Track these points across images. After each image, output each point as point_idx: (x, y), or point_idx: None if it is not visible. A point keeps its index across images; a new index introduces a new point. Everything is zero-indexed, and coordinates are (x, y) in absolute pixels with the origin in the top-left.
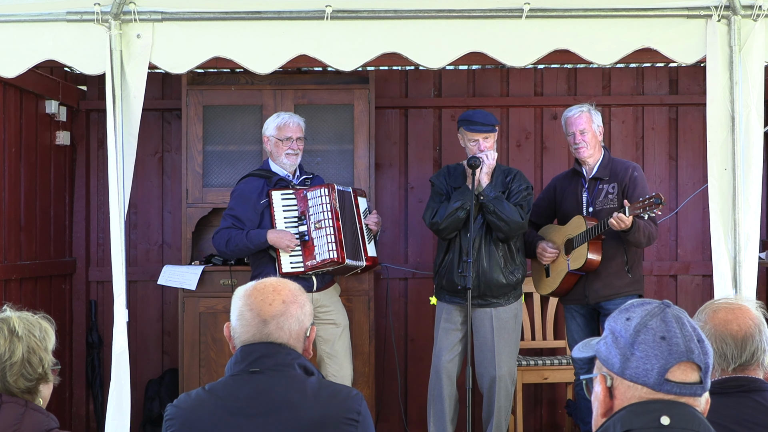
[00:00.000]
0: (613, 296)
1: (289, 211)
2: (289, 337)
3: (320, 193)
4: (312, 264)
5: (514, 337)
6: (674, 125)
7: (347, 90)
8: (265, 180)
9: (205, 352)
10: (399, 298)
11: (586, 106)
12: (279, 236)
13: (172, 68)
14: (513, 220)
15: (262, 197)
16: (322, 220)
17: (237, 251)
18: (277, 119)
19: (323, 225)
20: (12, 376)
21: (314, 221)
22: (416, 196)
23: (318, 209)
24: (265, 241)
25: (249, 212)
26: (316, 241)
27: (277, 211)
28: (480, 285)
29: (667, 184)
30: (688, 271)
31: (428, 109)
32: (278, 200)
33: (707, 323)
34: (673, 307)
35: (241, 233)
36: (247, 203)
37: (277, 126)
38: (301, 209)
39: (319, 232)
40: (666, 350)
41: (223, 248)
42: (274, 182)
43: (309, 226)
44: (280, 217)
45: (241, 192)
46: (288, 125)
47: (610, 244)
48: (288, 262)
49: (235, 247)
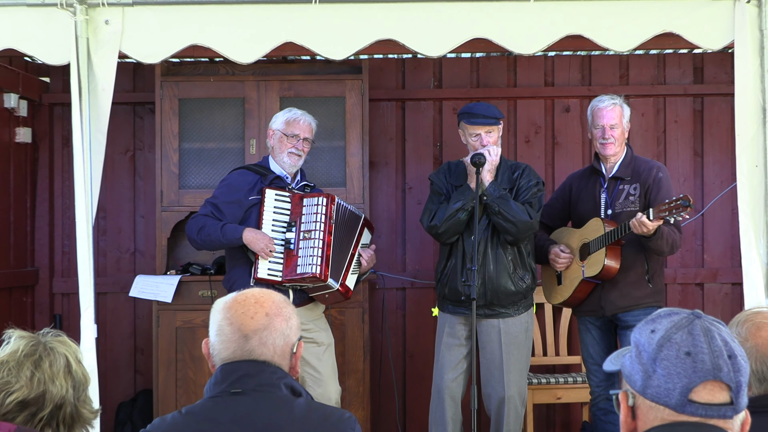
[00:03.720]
0: (632, 307)
1: (280, 214)
2: (273, 354)
3: (317, 202)
4: (291, 276)
5: (525, 352)
6: (699, 118)
7: (338, 81)
8: (261, 177)
9: (183, 371)
10: (396, 310)
11: (618, 99)
12: (257, 237)
13: (145, 57)
14: (521, 220)
15: (253, 193)
16: (313, 230)
17: (207, 242)
18: (288, 113)
19: (313, 236)
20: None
21: (304, 230)
22: (415, 198)
23: (311, 218)
24: (239, 238)
25: (233, 206)
26: (301, 252)
27: (267, 211)
28: (486, 293)
29: (692, 182)
30: (716, 278)
31: (428, 101)
32: (271, 199)
33: (748, 340)
34: (705, 318)
35: (217, 224)
36: (233, 195)
37: (286, 120)
38: (293, 215)
39: (306, 242)
40: (690, 367)
41: (194, 236)
42: (270, 180)
43: (297, 234)
44: (269, 218)
45: (230, 182)
46: (298, 122)
47: (630, 251)
48: (265, 268)
49: (207, 237)
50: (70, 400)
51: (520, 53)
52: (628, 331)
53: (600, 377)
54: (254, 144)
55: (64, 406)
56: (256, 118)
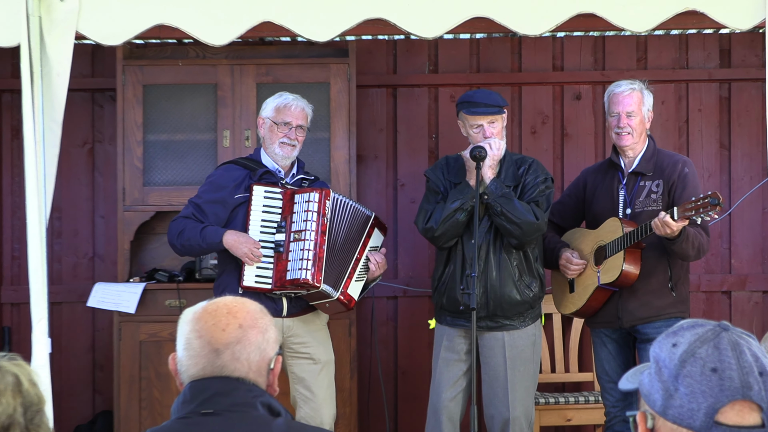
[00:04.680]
0: (653, 318)
1: (270, 214)
2: (248, 370)
3: (309, 198)
4: (282, 283)
5: (532, 369)
6: (726, 106)
7: (322, 65)
8: (250, 172)
9: (147, 390)
10: (387, 322)
11: (638, 84)
12: (238, 241)
13: (105, 39)
14: (526, 221)
15: (239, 191)
16: (304, 230)
17: (188, 248)
18: (279, 99)
19: (303, 236)
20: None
21: (295, 230)
22: (408, 195)
23: (302, 216)
24: (219, 242)
25: (217, 205)
26: (291, 255)
27: (255, 210)
28: (489, 303)
29: (718, 178)
30: (745, 286)
31: (422, 87)
32: (260, 197)
33: None
34: (733, 330)
35: (197, 227)
36: (217, 193)
37: (276, 106)
38: (284, 213)
39: (297, 244)
40: (717, 385)
41: (174, 240)
42: (259, 175)
43: (288, 236)
44: (257, 218)
45: (215, 179)
46: (289, 107)
47: (651, 255)
48: (252, 275)
49: (186, 241)
50: (19, 421)
51: (525, 34)
52: (648, 345)
53: (616, 396)
54: (228, 136)
55: (12, 427)
56: (229, 106)
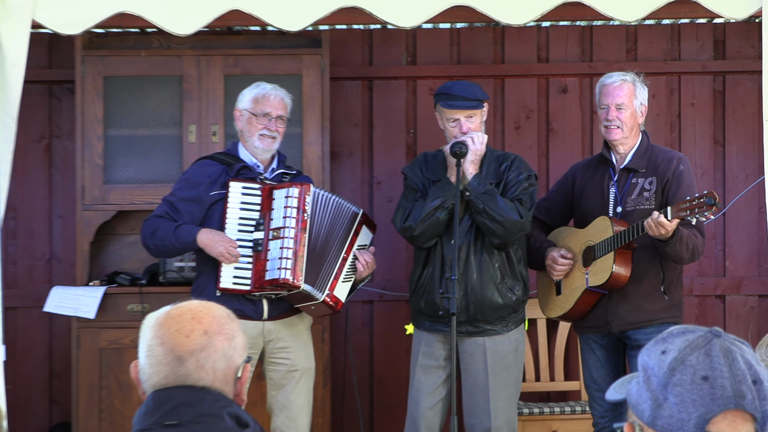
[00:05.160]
0: (644, 324)
1: (249, 211)
2: (213, 379)
3: (288, 193)
4: (261, 283)
5: (515, 376)
6: (720, 99)
7: (294, 56)
8: (226, 167)
9: (107, 400)
10: (362, 327)
11: (630, 76)
12: (213, 239)
13: (63, 28)
14: (509, 219)
15: (215, 187)
16: (283, 228)
17: (161, 248)
18: (256, 89)
19: (282, 234)
20: None
21: (273, 227)
22: (384, 194)
23: (281, 213)
24: (193, 241)
25: (191, 204)
26: (270, 254)
27: (233, 208)
28: (469, 307)
29: (712, 176)
30: (740, 290)
31: (399, 80)
32: (237, 194)
33: None
34: (725, 336)
35: (170, 225)
36: (191, 191)
37: (254, 97)
38: (263, 210)
39: (276, 242)
40: (708, 394)
41: (147, 240)
42: (237, 170)
43: (266, 234)
44: (234, 216)
45: (189, 176)
46: (268, 98)
47: (643, 256)
48: (230, 276)
49: (160, 242)
50: None
51: (508, 24)
52: (639, 351)
53: (605, 407)
54: (194, 131)
55: None
56: (195, 99)
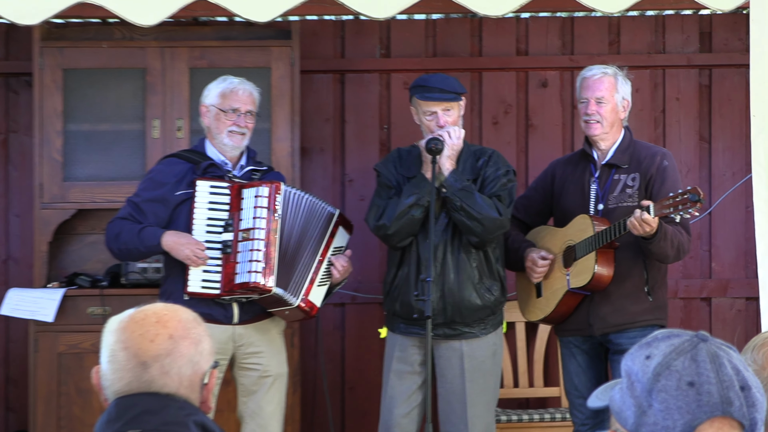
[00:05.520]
0: (627, 326)
1: (217, 211)
2: (179, 386)
3: (258, 192)
4: (230, 287)
5: (492, 382)
6: (706, 94)
7: (262, 48)
8: (193, 165)
9: (67, 408)
10: (333, 331)
11: (612, 69)
12: (179, 242)
13: (20, 18)
14: (488, 217)
15: (181, 186)
16: (253, 229)
17: (126, 252)
18: (223, 84)
19: (252, 235)
20: None
21: (243, 228)
22: (356, 192)
23: (250, 213)
24: (158, 245)
25: (157, 204)
26: (240, 257)
27: (200, 208)
28: (446, 308)
29: (697, 174)
30: (726, 292)
31: (372, 73)
32: (204, 193)
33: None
34: (712, 341)
35: (134, 228)
36: (156, 191)
37: (221, 92)
38: (232, 210)
39: (246, 244)
40: (694, 401)
41: (111, 244)
42: (204, 168)
43: (236, 235)
44: (202, 217)
45: (154, 175)
46: (236, 92)
47: (626, 256)
48: (198, 279)
49: (124, 245)
50: None
51: (486, 15)
52: (622, 356)
53: (586, 414)
54: (158, 126)
55: None
56: (160, 93)
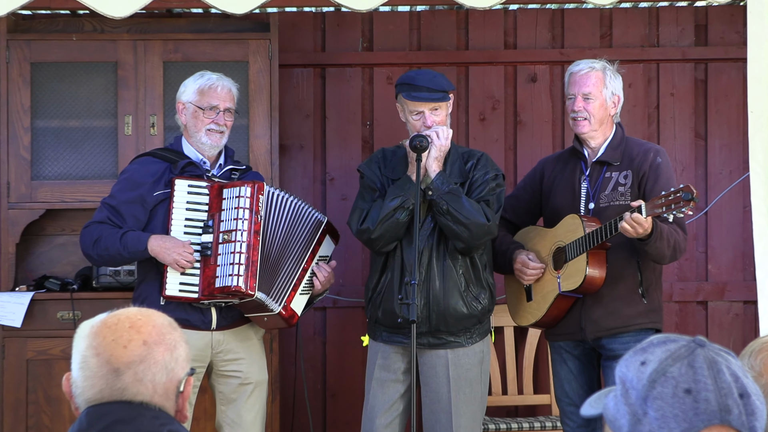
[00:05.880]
0: (620, 330)
1: (196, 211)
2: (153, 393)
3: (239, 192)
4: (210, 291)
5: (479, 390)
6: (702, 89)
7: (239, 41)
8: (169, 164)
9: (35, 416)
10: (314, 337)
11: (601, 63)
12: (165, 246)
13: None
14: (475, 222)
15: (159, 186)
16: (234, 230)
17: (107, 258)
18: (200, 80)
19: (234, 237)
20: None
21: (224, 230)
22: (338, 191)
23: (232, 214)
24: (144, 250)
25: (135, 206)
26: (221, 259)
27: (178, 208)
28: (431, 317)
29: (693, 172)
30: (723, 295)
31: (355, 68)
32: (183, 193)
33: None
34: (709, 346)
35: (115, 233)
36: (133, 191)
37: (199, 89)
38: (211, 211)
39: (227, 246)
40: (691, 409)
41: (90, 250)
42: (181, 167)
43: (216, 237)
44: (180, 217)
45: (130, 175)
46: (215, 89)
47: (619, 257)
48: (176, 282)
49: (105, 251)
50: None
51: (473, 6)
52: (615, 362)
53: (577, 422)
54: (130, 122)
55: None
56: (132, 88)
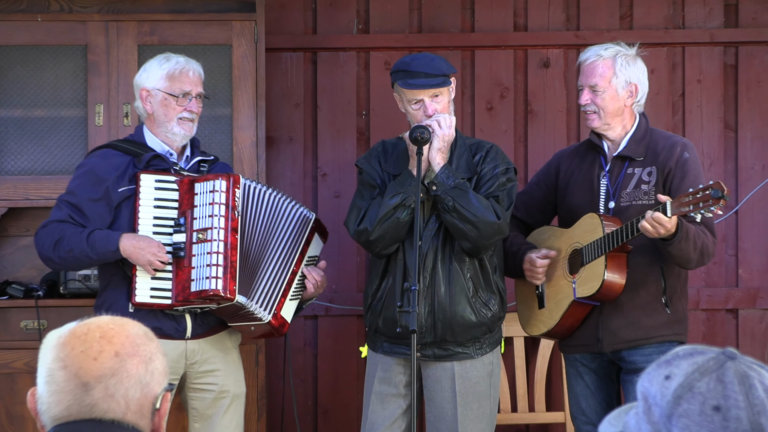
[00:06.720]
0: (641, 342)
1: (164, 208)
2: (126, 410)
3: (213, 186)
4: (185, 296)
5: (488, 407)
6: (732, 75)
7: (222, 22)
8: (133, 158)
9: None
10: (305, 348)
11: (611, 50)
12: (140, 245)
13: None
14: (484, 220)
15: (123, 182)
16: (210, 229)
17: (71, 260)
18: (167, 63)
19: (209, 236)
20: None
21: (198, 228)
22: (331, 188)
23: (206, 210)
24: (116, 251)
25: (99, 204)
26: (195, 261)
27: (145, 206)
28: (436, 326)
29: (722, 167)
30: (755, 302)
31: (349, 51)
32: (149, 188)
33: None
34: (740, 359)
35: (80, 233)
36: (97, 187)
37: (168, 74)
38: (182, 207)
39: (202, 246)
40: (720, 428)
41: (50, 252)
42: (146, 160)
43: (189, 236)
44: (148, 215)
45: (90, 169)
46: (186, 73)
47: (641, 261)
48: (147, 288)
49: (68, 253)
50: None
51: None
52: (636, 376)
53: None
54: (101, 111)
55: None
56: (104, 74)
